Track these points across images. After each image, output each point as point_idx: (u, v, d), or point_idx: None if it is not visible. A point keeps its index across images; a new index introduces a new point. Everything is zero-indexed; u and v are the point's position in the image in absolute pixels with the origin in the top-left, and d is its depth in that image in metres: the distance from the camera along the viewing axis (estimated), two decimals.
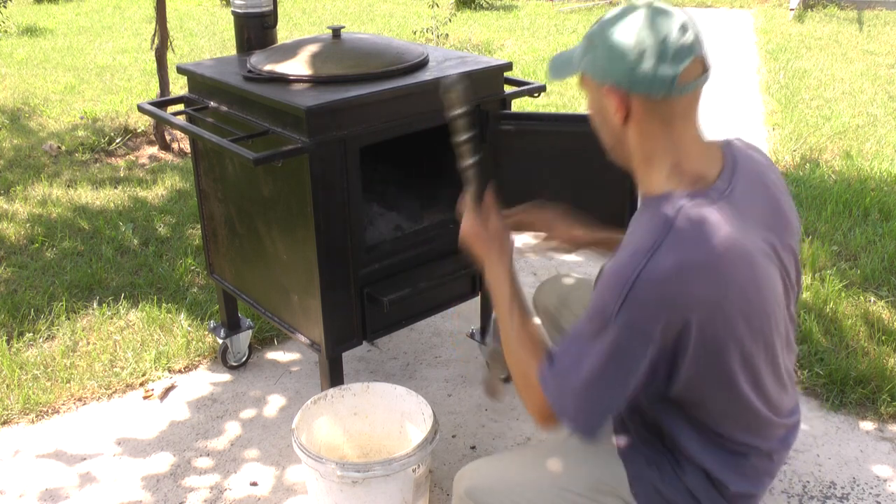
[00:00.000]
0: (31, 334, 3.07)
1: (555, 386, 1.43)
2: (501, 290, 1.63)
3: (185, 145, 5.16)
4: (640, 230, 1.41)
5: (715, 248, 1.36)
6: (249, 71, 2.23)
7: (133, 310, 3.23)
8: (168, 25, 5.00)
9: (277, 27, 2.58)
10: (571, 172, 2.28)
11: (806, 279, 3.35)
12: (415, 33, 8.28)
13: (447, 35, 8.23)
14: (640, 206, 1.50)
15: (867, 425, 2.55)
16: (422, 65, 2.26)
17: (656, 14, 1.40)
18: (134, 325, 3.13)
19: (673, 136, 1.44)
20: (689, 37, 1.38)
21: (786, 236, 1.51)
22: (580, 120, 2.35)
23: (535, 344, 1.54)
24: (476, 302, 2.70)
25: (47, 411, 2.68)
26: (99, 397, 2.76)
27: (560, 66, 1.55)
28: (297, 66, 2.18)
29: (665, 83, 1.38)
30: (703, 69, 1.40)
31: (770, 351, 1.49)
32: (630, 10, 1.43)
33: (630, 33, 1.39)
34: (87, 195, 4.45)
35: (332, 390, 2.24)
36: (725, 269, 1.37)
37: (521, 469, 1.65)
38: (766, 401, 1.52)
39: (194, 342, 3.00)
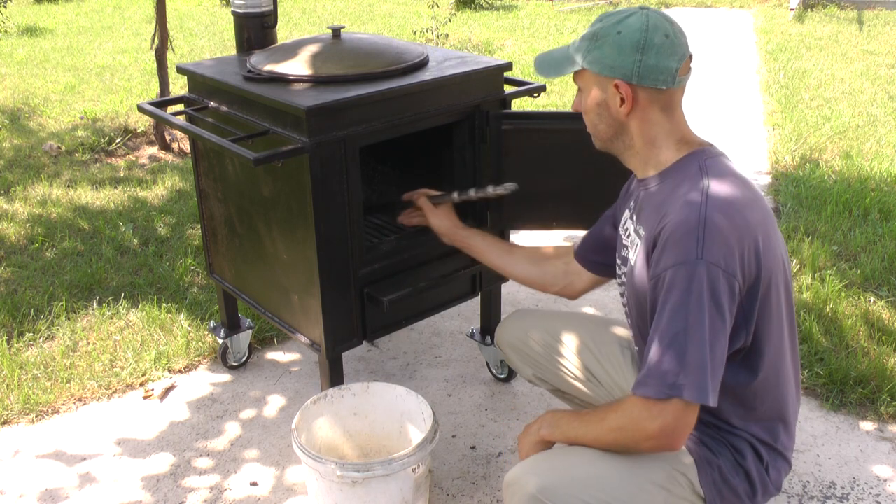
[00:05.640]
0: (31, 334, 3.07)
1: (664, 376, 1.48)
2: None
3: (185, 145, 5.16)
4: (674, 190, 1.57)
5: (746, 184, 1.58)
6: (249, 71, 2.23)
7: (133, 310, 3.23)
8: (168, 25, 5.01)
9: (277, 27, 2.58)
10: (572, 170, 2.29)
11: (806, 279, 3.35)
12: (415, 33, 8.28)
13: (447, 35, 8.23)
14: (650, 179, 1.65)
15: (867, 425, 2.55)
16: (422, 65, 2.26)
17: (656, 15, 1.58)
18: (134, 325, 3.13)
19: (673, 121, 1.63)
20: (683, 37, 1.59)
21: None
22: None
23: (608, 404, 1.65)
24: (476, 302, 2.70)
25: (47, 411, 2.68)
26: (99, 397, 2.76)
27: (555, 65, 1.69)
28: (297, 66, 2.18)
29: (670, 75, 1.57)
30: (690, 67, 1.62)
31: (789, 298, 1.64)
32: (631, 11, 1.60)
33: (637, 31, 1.56)
34: (87, 195, 4.45)
35: (331, 390, 2.23)
36: (760, 202, 1.57)
37: (593, 464, 1.61)
38: (796, 355, 1.71)
39: (194, 342, 3.00)
